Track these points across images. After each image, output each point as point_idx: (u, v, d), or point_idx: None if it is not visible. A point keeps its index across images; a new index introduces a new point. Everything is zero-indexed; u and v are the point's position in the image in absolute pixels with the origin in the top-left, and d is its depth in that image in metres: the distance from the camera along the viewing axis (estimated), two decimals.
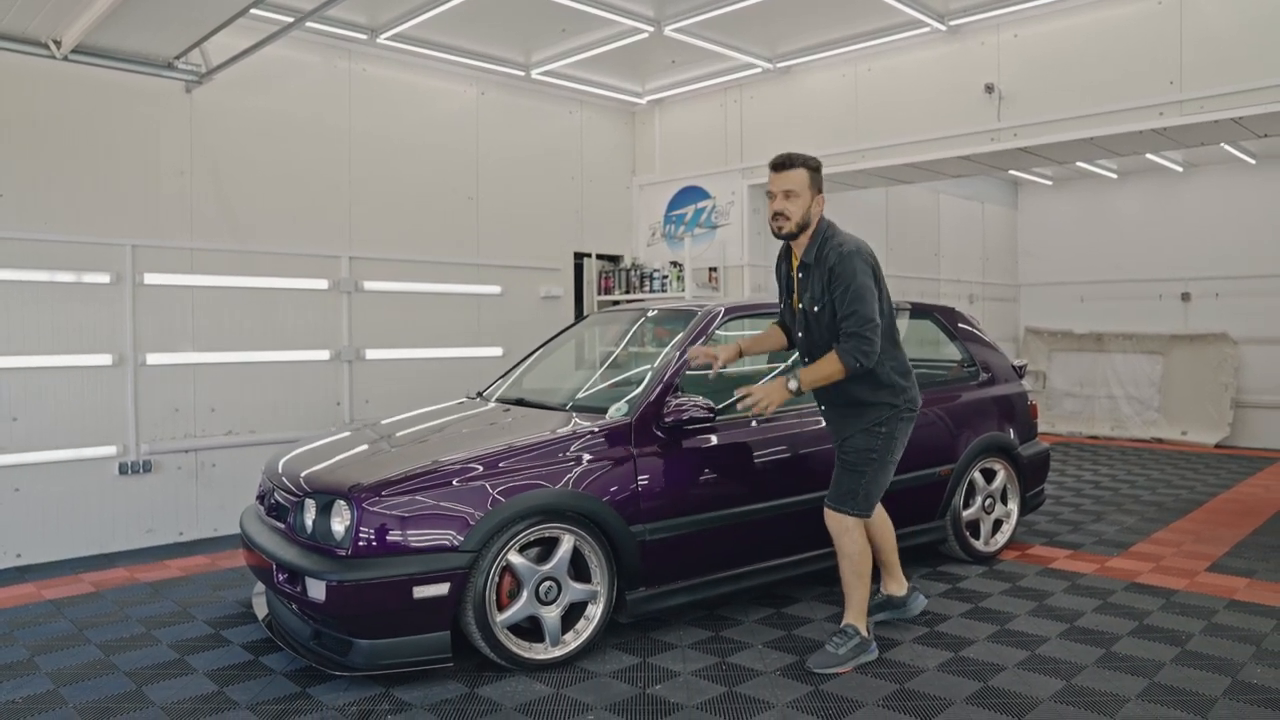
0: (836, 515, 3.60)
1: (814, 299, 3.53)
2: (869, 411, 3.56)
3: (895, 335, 3.66)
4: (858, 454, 3.57)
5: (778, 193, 3.51)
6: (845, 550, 3.58)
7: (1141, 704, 3.18)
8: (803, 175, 3.51)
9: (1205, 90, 5.38)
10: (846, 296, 3.39)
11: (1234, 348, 9.82)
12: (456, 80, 7.18)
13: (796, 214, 3.53)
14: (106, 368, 5.43)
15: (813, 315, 3.57)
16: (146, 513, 5.60)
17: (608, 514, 3.64)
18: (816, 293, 3.52)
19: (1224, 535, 5.68)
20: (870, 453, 3.56)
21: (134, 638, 3.97)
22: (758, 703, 3.23)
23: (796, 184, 3.51)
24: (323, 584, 3.26)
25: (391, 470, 3.51)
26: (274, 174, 6.17)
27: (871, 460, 3.56)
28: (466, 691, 3.35)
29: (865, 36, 6.67)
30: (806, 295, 3.58)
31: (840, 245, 3.49)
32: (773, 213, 3.56)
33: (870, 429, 3.55)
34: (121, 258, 5.47)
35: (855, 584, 3.60)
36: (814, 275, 3.54)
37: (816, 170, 3.55)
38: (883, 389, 3.56)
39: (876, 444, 3.55)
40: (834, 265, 3.44)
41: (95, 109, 5.42)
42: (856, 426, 3.59)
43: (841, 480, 3.61)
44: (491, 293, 7.30)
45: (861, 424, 3.57)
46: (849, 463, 3.59)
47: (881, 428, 3.56)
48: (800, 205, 3.52)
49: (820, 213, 3.59)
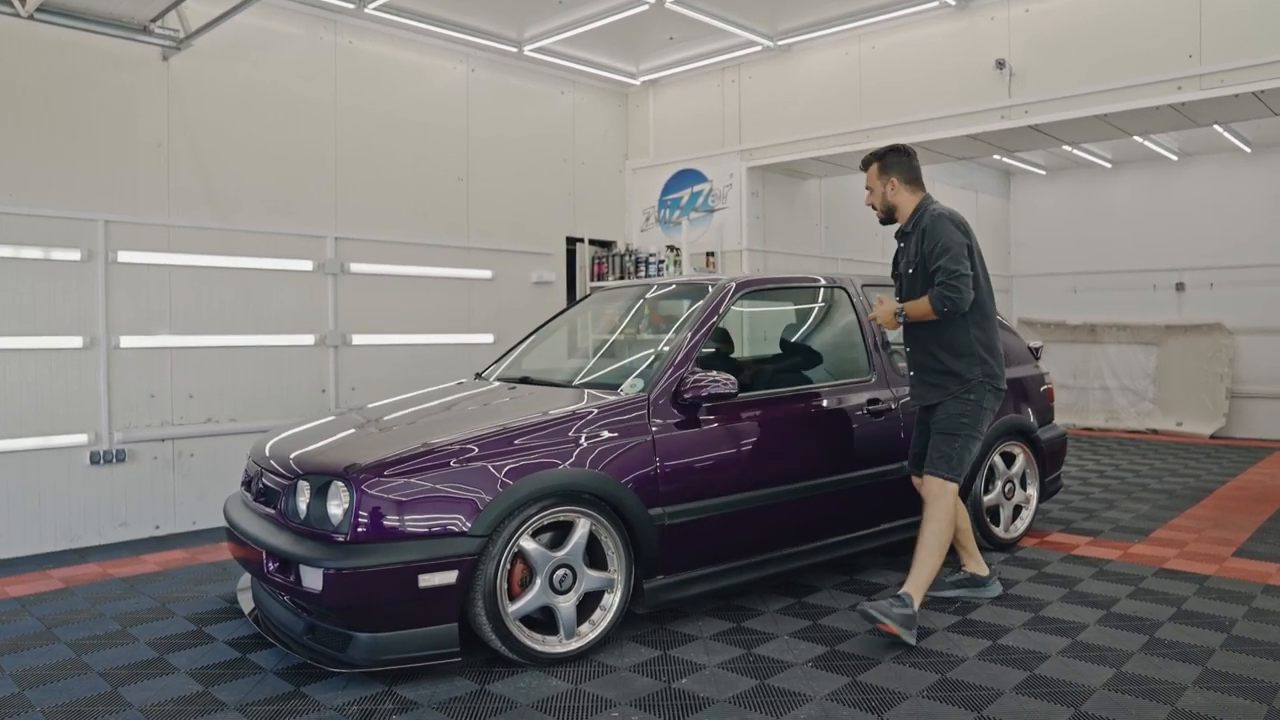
0: (933, 479, 3.69)
1: (909, 262, 3.84)
2: (950, 381, 3.73)
3: (987, 309, 3.80)
4: (950, 419, 3.72)
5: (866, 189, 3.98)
6: (934, 515, 3.65)
7: (1201, 691, 2.99)
8: (872, 170, 3.92)
9: (1226, 63, 5.23)
10: (936, 249, 3.65)
11: (1229, 338, 9.74)
12: (446, 56, 6.90)
13: (876, 202, 3.94)
14: (77, 350, 5.10)
15: (908, 277, 3.86)
16: (120, 505, 5.27)
17: (625, 496, 3.39)
18: (911, 255, 3.82)
19: (1241, 521, 5.54)
20: (962, 418, 3.70)
21: (108, 635, 3.67)
22: (794, 695, 2.99)
23: (870, 180, 3.94)
24: (319, 572, 2.98)
25: (393, 449, 3.24)
26: (256, 149, 5.87)
27: (964, 425, 3.70)
28: (477, 688, 3.09)
29: (870, 12, 6.47)
30: (903, 261, 3.91)
31: (933, 210, 3.81)
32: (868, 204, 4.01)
33: (960, 396, 3.71)
34: (93, 233, 5.15)
35: (931, 553, 3.60)
36: (910, 241, 3.86)
37: (884, 158, 3.90)
38: (964, 358, 3.72)
39: (968, 409, 3.71)
40: (926, 226, 3.75)
41: (65, 74, 5.09)
42: (943, 395, 3.75)
43: (937, 445, 3.73)
44: (482, 277, 7.03)
45: (948, 392, 3.73)
46: (942, 429, 3.73)
47: (970, 395, 3.71)
48: (876, 196, 3.93)
49: (900, 192, 3.88)
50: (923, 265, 3.73)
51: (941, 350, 3.73)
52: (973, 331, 3.72)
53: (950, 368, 3.72)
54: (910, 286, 3.84)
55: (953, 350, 3.72)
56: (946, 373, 3.73)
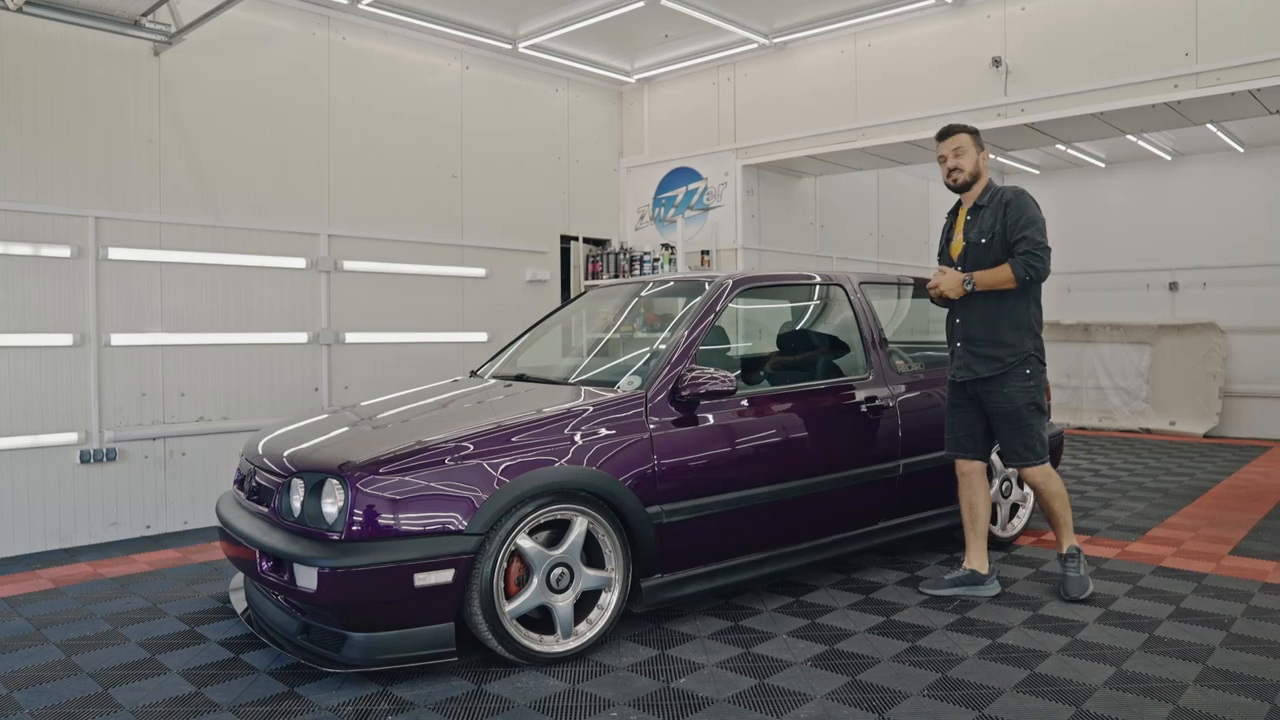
0: (1032, 469, 3.97)
1: (982, 233, 3.95)
2: (1005, 353, 3.88)
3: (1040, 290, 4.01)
4: (1015, 411, 3.90)
5: (948, 153, 4.06)
6: (1053, 490, 4.01)
7: (1202, 689, 2.97)
8: (966, 138, 4.04)
9: (1223, 61, 5.23)
10: (1021, 222, 3.82)
11: (1222, 337, 9.75)
12: (440, 54, 6.86)
13: (968, 166, 4.02)
14: (66, 348, 5.05)
15: (980, 247, 3.96)
16: (111, 504, 5.22)
17: (623, 494, 3.36)
18: (986, 227, 3.94)
19: (1236, 520, 5.54)
20: (1032, 405, 3.91)
21: (99, 636, 3.62)
22: (794, 695, 2.97)
23: (963, 143, 4.03)
24: (313, 571, 2.94)
25: (388, 447, 3.20)
26: (249, 146, 5.82)
27: (1031, 411, 3.91)
28: (473, 688, 3.06)
29: (866, 10, 6.46)
30: (974, 231, 4.00)
31: (1014, 188, 3.97)
32: (947, 170, 4.08)
33: (1024, 385, 3.89)
34: (84, 230, 5.09)
35: (1065, 513, 4.04)
36: (985, 214, 3.98)
37: (975, 134, 4.07)
38: (1021, 330, 3.90)
39: (1031, 396, 3.91)
40: (1010, 200, 3.90)
41: (55, 69, 5.04)
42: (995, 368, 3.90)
43: (1015, 438, 3.94)
44: (476, 275, 6.99)
45: (1000, 368, 3.89)
46: (1011, 420, 3.92)
47: (1031, 381, 3.91)
48: (969, 159, 4.02)
49: (984, 165, 4.06)
50: (1001, 236, 3.88)
51: (1002, 321, 3.89)
52: (1032, 308, 3.94)
53: (1006, 339, 3.88)
54: (980, 256, 3.95)
55: (1012, 321, 3.89)
56: (1001, 344, 3.89)
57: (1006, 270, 3.82)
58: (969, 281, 3.89)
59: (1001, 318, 3.90)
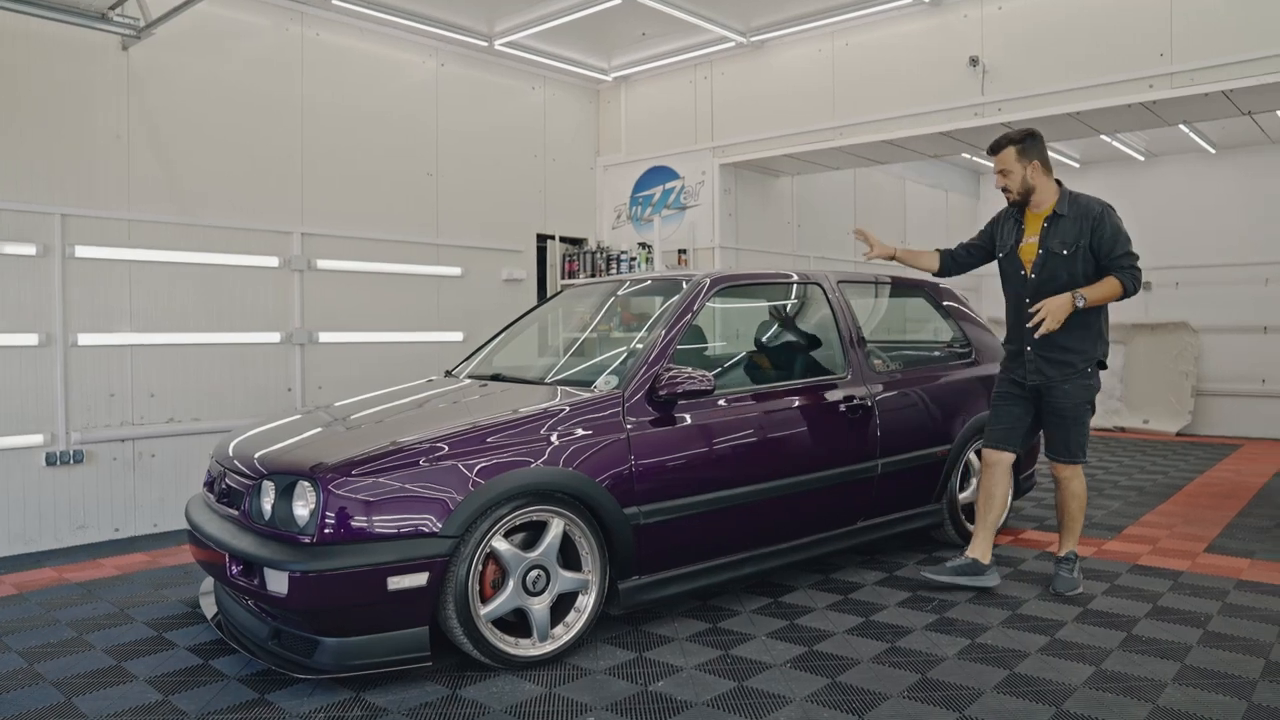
0: (1068, 466, 4.07)
1: (1065, 244, 3.95)
2: (1077, 359, 3.97)
3: None
4: (1075, 407, 4.01)
5: (998, 172, 4.08)
6: (1075, 491, 4.11)
7: (1181, 688, 2.97)
8: (1010, 152, 4.01)
9: (1197, 62, 5.26)
10: (1118, 238, 3.90)
11: (1194, 336, 9.84)
12: (415, 51, 6.79)
13: (1015, 185, 4.03)
14: (32, 348, 4.93)
15: (1061, 257, 3.96)
16: (78, 507, 5.11)
17: (600, 494, 3.32)
18: (1069, 238, 3.94)
19: (1211, 517, 5.58)
20: (1086, 404, 4.03)
21: (63, 643, 3.54)
22: (773, 697, 2.94)
23: (1007, 162, 4.02)
24: (284, 575, 2.88)
25: (361, 448, 3.14)
26: (220, 142, 5.72)
27: (1086, 409, 4.03)
28: (448, 694, 3.00)
29: (844, 9, 6.45)
30: (1054, 240, 3.98)
31: (1099, 201, 3.99)
32: (1000, 187, 4.11)
33: (1086, 383, 3.99)
34: (49, 227, 4.98)
35: (1079, 516, 4.15)
36: (1065, 224, 3.97)
37: (1022, 141, 4.01)
38: (1095, 337, 4.00)
39: (1090, 395, 4.03)
40: (1099, 214, 3.93)
41: (19, 63, 4.92)
42: (1067, 373, 3.98)
43: (1065, 434, 4.04)
44: (451, 274, 6.91)
45: (1072, 372, 3.98)
46: (1066, 415, 4.01)
47: (1091, 381, 4.01)
48: (1016, 178, 4.02)
49: (1039, 175, 4.02)
50: (1086, 249, 3.91)
51: (1080, 329, 3.95)
52: (1104, 315, 4.05)
53: (1079, 346, 3.96)
54: (1058, 266, 3.97)
55: (1089, 330, 3.98)
56: (1074, 350, 3.96)
57: (1115, 285, 3.88)
58: (1080, 298, 3.86)
59: (1080, 326, 3.95)
